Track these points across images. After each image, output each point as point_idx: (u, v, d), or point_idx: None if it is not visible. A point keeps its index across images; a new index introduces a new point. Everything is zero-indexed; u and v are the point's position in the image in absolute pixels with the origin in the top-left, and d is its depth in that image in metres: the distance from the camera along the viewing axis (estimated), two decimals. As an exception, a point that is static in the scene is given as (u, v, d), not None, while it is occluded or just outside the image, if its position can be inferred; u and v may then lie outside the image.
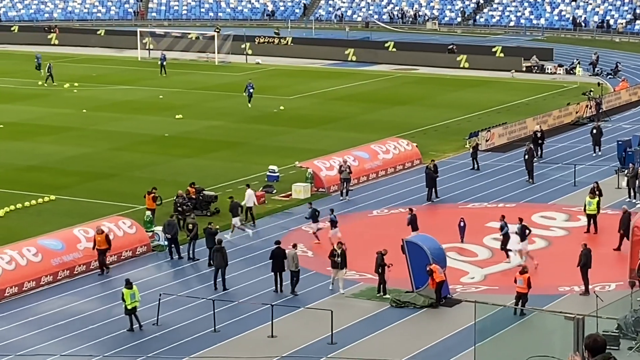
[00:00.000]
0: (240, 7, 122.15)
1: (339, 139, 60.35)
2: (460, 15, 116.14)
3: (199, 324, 34.45)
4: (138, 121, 66.99)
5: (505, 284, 37.13)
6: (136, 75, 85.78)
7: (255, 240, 42.89)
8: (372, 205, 48.26)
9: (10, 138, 62.25)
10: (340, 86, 79.95)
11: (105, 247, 39.44)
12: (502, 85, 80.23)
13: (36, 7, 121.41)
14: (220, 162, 56.27)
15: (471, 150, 54.72)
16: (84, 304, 36.67)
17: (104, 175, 53.23)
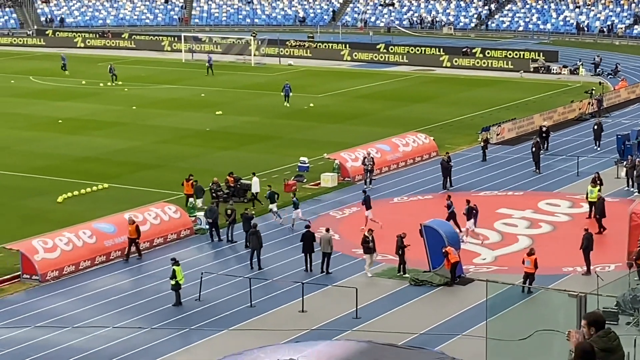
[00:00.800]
0: (274, 13, 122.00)
1: (363, 133, 60.24)
2: (477, 19, 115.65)
3: (237, 300, 34.51)
4: (182, 117, 67.06)
5: (514, 265, 37.02)
6: (180, 75, 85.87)
7: (286, 224, 42.86)
8: (393, 193, 48.19)
9: (68, 132, 62.46)
10: (364, 85, 79.79)
11: (135, 237, 38.97)
12: (512, 85, 79.86)
13: (91, 14, 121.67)
14: (255, 153, 56.27)
15: (482, 143, 54.44)
16: (133, 281, 36.81)
17: (151, 165, 53.35)
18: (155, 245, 40.44)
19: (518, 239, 40.91)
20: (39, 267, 36.69)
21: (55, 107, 70.83)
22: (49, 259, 37.07)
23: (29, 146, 58.51)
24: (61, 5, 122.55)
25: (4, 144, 58.74)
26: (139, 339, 31.44)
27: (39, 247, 37.24)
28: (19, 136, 61.28)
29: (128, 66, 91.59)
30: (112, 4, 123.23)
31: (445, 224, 37.36)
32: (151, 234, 40.56)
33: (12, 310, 34.09)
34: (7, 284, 36.49)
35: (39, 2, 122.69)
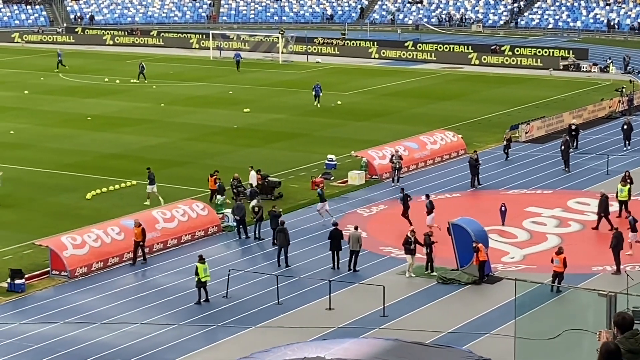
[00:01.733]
0: (302, 11, 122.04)
1: (390, 130, 60.16)
2: (510, 13, 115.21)
3: (264, 297, 34.53)
4: (210, 114, 67.19)
5: (542, 264, 36.87)
6: (209, 73, 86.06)
7: (314, 222, 42.86)
8: (421, 191, 48.03)
9: (97, 129, 62.71)
10: (392, 83, 79.70)
11: (140, 240, 38.26)
12: (541, 83, 79.55)
13: (120, 11, 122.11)
14: (283, 151, 56.31)
15: (505, 142, 53.86)
16: (161, 278, 36.91)
17: (179, 162, 53.48)
18: (183, 242, 40.53)
19: (547, 238, 40.73)
20: (68, 264, 36.86)
21: (84, 104, 71.15)
22: (77, 255, 37.24)
23: (58, 143, 58.78)
24: (90, 3, 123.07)
25: (34, 141, 59.05)
26: (167, 335, 31.52)
27: (67, 243, 37.41)
28: (48, 133, 61.58)
29: (156, 64, 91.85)
30: (140, 1, 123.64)
31: (473, 222, 37.23)
32: (179, 230, 40.65)
33: (41, 306, 34.27)
34: (37, 279, 36.68)
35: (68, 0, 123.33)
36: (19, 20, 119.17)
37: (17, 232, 41.76)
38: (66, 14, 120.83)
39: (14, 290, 35.41)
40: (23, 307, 34.25)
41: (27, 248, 39.40)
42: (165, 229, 40.28)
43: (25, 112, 68.59)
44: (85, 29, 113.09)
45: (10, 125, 63.58)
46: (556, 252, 35.02)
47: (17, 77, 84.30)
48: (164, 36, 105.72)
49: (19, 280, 35.55)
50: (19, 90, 77.23)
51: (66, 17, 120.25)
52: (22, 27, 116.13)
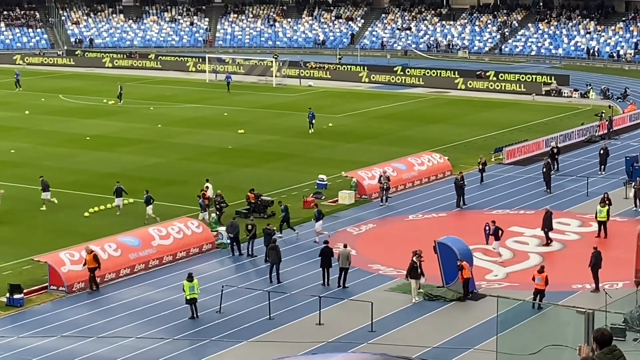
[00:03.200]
0: (296, 36, 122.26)
1: (379, 152, 60.22)
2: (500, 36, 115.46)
3: (256, 313, 34.48)
4: (205, 135, 67.18)
5: (524, 282, 36.88)
6: (204, 95, 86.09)
7: (305, 240, 42.83)
8: (409, 210, 48.13)
9: (96, 148, 62.65)
10: (381, 106, 79.81)
11: (95, 266, 36.88)
12: (524, 107, 79.74)
13: (119, 35, 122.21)
14: (276, 171, 56.31)
15: (480, 166, 53.37)
16: (156, 294, 36.82)
17: (175, 181, 53.43)
18: (178, 259, 40.47)
19: (529, 257, 40.79)
20: (66, 279, 36.76)
21: (83, 125, 71.09)
22: (75, 271, 37.14)
23: (57, 162, 58.71)
24: (90, 27, 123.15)
25: (34, 160, 58.95)
26: (161, 349, 31.44)
27: (66, 259, 37.32)
28: (48, 152, 61.51)
29: (154, 86, 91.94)
30: (139, 26, 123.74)
31: (458, 241, 37.26)
32: (174, 247, 40.61)
33: (39, 320, 34.17)
34: (35, 294, 36.57)
35: (69, 23, 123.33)
36: (20, 42, 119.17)
37: (16, 248, 41.66)
38: (67, 37, 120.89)
39: (12, 304, 35.30)
40: (22, 321, 34.14)
41: (26, 264, 39.29)
42: (161, 246, 40.23)
43: (26, 131, 68.53)
44: (85, 51, 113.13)
45: (11, 145, 63.50)
46: (538, 271, 35.05)
47: (18, 97, 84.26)
48: (161, 59, 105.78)
49: (18, 295, 35.44)
50: (20, 110, 77.17)
51: (67, 40, 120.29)
52: (23, 50, 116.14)
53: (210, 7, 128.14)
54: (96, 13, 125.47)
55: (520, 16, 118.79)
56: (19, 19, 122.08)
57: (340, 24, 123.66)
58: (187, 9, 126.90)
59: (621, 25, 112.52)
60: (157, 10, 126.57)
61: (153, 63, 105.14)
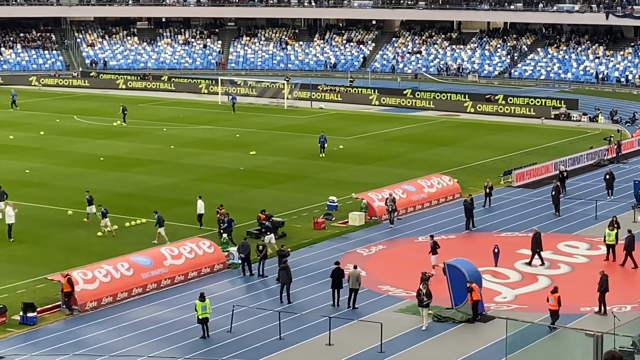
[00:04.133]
0: (307, 59, 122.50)
1: (390, 174, 60.22)
2: (510, 60, 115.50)
3: (267, 333, 34.44)
4: (217, 156, 67.26)
5: (533, 304, 36.80)
6: (217, 116, 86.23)
7: (316, 260, 42.78)
8: (418, 232, 48.06)
9: (109, 169, 62.78)
10: (392, 129, 79.83)
11: (68, 290, 36.42)
12: (533, 130, 79.69)
13: (133, 57, 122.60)
14: (287, 192, 56.32)
15: (486, 190, 53.07)
16: (168, 313, 36.81)
17: (187, 202, 53.43)
18: (190, 279, 40.47)
19: (538, 279, 40.68)
20: (79, 298, 36.77)
21: (97, 145, 71.27)
22: (88, 290, 37.17)
23: (71, 182, 58.83)
24: (105, 49, 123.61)
25: (48, 179, 59.08)
26: (172, 368, 31.39)
27: (79, 278, 37.34)
28: (62, 172, 61.66)
29: (167, 107, 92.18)
30: (153, 48, 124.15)
31: (467, 263, 37.20)
32: (186, 267, 40.61)
33: (52, 339, 34.19)
34: (48, 313, 36.60)
35: (84, 45, 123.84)
36: (36, 64, 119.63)
37: (30, 267, 41.73)
38: (82, 59, 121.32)
39: (26, 322, 35.34)
40: (35, 339, 34.17)
41: (40, 282, 39.34)
42: (173, 266, 40.24)
43: (41, 152, 68.71)
44: (99, 73, 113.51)
45: (26, 164, 63.66)
46: (551, 291, 34.96)
47: (33, 118, 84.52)
48: (174, 81, 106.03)
49: (31, 314, 35.49)
50: (35, 131, 77.41)
51: (82, 62, 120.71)
52: (39, 71, 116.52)
53: (223, 30, 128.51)
54: (111, 36, 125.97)
55: (529, 41, 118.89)
56: (35, 41, 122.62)
57: (352, 47, 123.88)
58: (201, 32, 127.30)
59: (630, 50, 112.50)
60: (171, 33, 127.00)
61: (166, 85, 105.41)
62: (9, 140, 73.34)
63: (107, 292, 37.64)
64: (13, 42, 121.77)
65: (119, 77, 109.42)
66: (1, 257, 43.48)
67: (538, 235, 42.82)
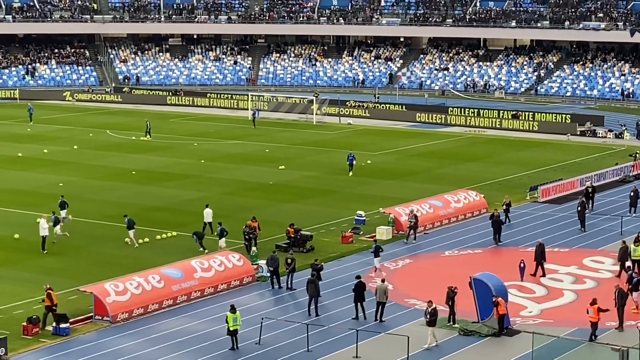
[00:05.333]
0: (336, 75, 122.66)
1: (417, 189, 60.15)
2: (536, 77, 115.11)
3: (295, 345, 34.43)
4: (247, 171, 67.42)
5: (559, 318, 36.60)
6: (247, 131, 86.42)
7: (344, 274, 42.74)
8: (445, 247, 47.95)
9: (141, 182, 63.06)
10: (419, 144, 79.76)
11: (49, 304, 36.04)
12: (559, 147, 79.40)
13: (165, 73, 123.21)
14: (315, 206, 56.35)
15: (504, 207, 52.57)
16: (198, 325, 36.88)
17: (217, 216, 53.44)
18: (219, 291, 40.55)
19: (563, 294, 40.49)
20: (111, 309, 36.93)
21: (129, 159, 71.62)
22: (119, 301, 37.31)
23: (104, 195, 59.14)
24: (138, 65, 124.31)
25: (81, 193, 59.38)
26: (202, 379, 31.43)
27: (110, 290, 37.50)
28: (95, 185, 61.98)
29: (198, 122, 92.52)
30: (184, 64, 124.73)
31: (493, 277, 37.07)
32: (215, 280, 40.69)
33: (84, 349, 34.32)
34: (81, 324, 36.76)
35: (117, 61, 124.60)
36: (70, 80, 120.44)
37: (63, 279, 41.91)
38: (115, 75, 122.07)
39: (59, 333, 35.52)
40: (67, 350, 34.33)
41: (73, 294, 39.52)
42: (203, 278, 40.34)
43: (74, 165, 69.11)
44: (132, 89, 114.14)
45: (60, 178, 64.04)
46: (590, 303, 34.84)
47: (67, 133, 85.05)
48: (205, 97, 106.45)
49: (64, 325, 35.67)
50: (69, 145, 77.89)
51: (114, 77, 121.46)
52: (73, 86, 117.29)
53: (254, 47, 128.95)
54: (143, 52, 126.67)
55: (555, 58, 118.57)
56: (69, 57, 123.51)
57: (380, 64, 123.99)
58: (231, 48, 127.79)
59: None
60: (202, 49, 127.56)
61: (197, 100, 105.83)
62: (43, 154, 73.83)
63: (138, 304, 37.77)
64: (48, 58, 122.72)
65: (151, 93, 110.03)
66: (35, 269, 43.75)
67: (542, 247, 42.86)
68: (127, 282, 38.25)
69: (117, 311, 37.02)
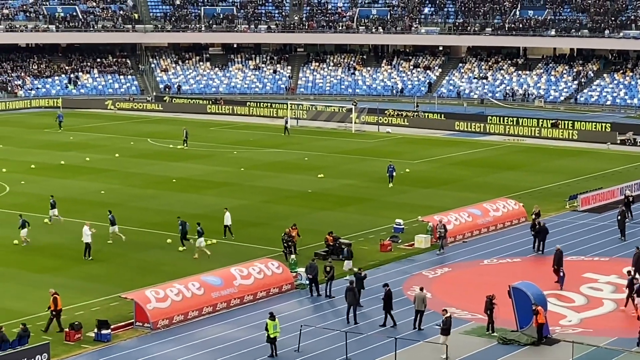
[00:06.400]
0: (375, 84, 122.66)
1: (455, 198, 59.97)
2: (576, 85, 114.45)
3: (333, 352, 34.42)
4: (286, 179, 67.54)
5: (599, 327, 36.33)
6: (286, 140, 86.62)
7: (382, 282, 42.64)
8: (483, 255, 47.77)
9: (181, 190, 63.36)
10: (457, 153, 79.55)
11: (52, 308, 36.41)
12: (599, 155, 78.87)
13: (205, 82, 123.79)
14: (354, 214, 56.33)
15: (533, 216, 51.60)
16: (237, 332, 36.99)
17: (257, 223, 53.73)
18: (258, 299, 40.64)
19: (603, 303, 40.20)
20: (151, 316, 37.12)
21: (170, 167, 72.00)
22: (160, 308, 37.50)
23: (145, 203, 59.50)
24: (178, 74, 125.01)
25: (122, 200, 59.77)
26: (241, 385, 31.49)
27: (151, 297, 37.71)
28: (136, 193, 62.37)
29: (238, 131, 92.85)
30: (224, 73, 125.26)
31: (532, 286, 36.88)
32: (255, 287, 40.79)
33: (125, 355, 34.53)
34: (121, 330, 36.99)
35: (158, 70, 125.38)
36: (112, 88, 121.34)
37: (105, 285, 42.23)
38: (156, 84, 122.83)
39: (100, 340, 35.76)
40: (108, 356, 34.54)
41: (114, 300, 39.79)
42: (242, 286, 40.45)
43: (115, 173, 69.59)
44: (172, 97, 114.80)
45: (101, 186, 64.53)
46: None
47: (109, 141, 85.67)
48: (245, 105, 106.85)
49: (105, 331, 35.90)
50: (110, 153, 78.45)
51: (156, 86, 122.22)
52: (114, 95, 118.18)
53: (293, 56, 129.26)
54: (184, 61, 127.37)
55: (595, 66, 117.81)
56: (111, 66, 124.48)
57: (419, 73, 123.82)
58: (271, 57, 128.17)
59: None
60: (242, 58, 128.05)
61: (237, 109, 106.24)
62: (85, 162, 74.41)
63: (178, 311, 37.95)
64: (90, 67, 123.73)
65: (192, 102, 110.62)
66: (77, 275, 44.09)
67: (560, 253, 42.80)
68: (168, 289, 38.44)
69: (157, 318, 37.21)
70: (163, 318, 37.39)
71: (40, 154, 78.19)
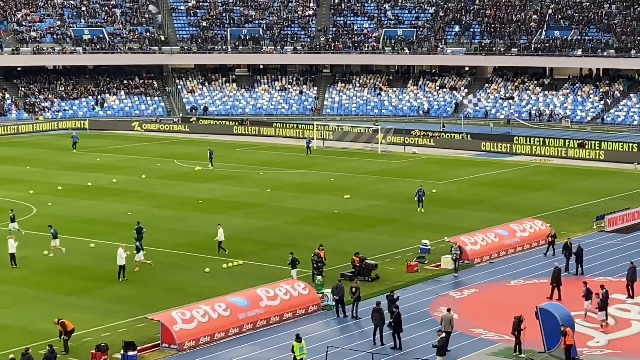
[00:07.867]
0: (401, 105, 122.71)
1: (482, 218, 59.79)
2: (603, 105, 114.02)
3: (360, 374, 34.33)
4: (312, 199, 67.58)
5: (627, 349, 36.05)
6: (312, 161, 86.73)
7: (409, 303, 42.58)
8: (511, 276, 47.56)
9: (207, 211, 63.50)
10: (484, 173, 79.37)
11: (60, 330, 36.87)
12: (626, 175, 78.46)
13: (231, 103, 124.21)
14: (380, 235, 56.26)
15: (550, 238, 51.73)
16: (264, 353, 36.96)
17: (283, 244, 53.73)
18: (285, 320, 40.62)
19: (631, 324, 39.91)
20: (177, 337, 37.17)
21: (196, 189, 72.19)
22: (186, 329, 37.55)
23: (171, 224, 59.65)
24: (205, 95, 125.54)
25: (149, 222, 59.87)
26: (267, 407, 31.45)
27: (177, 318, 37.77)
28: (162, 214, 62.55)
29: (264, 151, 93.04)
30: (251, 94, 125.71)
31: (560, 307, 36.70)
32: (281, 308, 40.77)
33: (151, 376, 34.55)
34: (148, 352, 37.04)
35: (185, 92, 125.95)
36: (138, 110, 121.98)
37: (131, 306, 42.34)
38: (182, 105, 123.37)
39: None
40: (135, 376, 34.56)
41: (140, 322, 39.88)
42: (269, 307, 40.45)
43: (142, 194, 69.86)
44: (199, 118, 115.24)
45: (128, 207, 64.77)
46: None
47: (135, 162, 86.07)
48: (271, 126, 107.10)
49: (132, 352, 35.93)
50: (137, 174, 78.78)
51: (182, 107, 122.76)
52: (141, 117, 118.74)
53: (319, 77, 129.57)
54: (210, 82, 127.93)
55: (622, 86, 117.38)
56: (137, 88, 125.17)
57: (444, 93, 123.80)
58: (297, 78, 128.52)
59: None
60: (268, 79, 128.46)
61: (263, 130, 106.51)
62: (111, 183, 74.76)
63: (204, 332, 37.98)
64: (117, 89, 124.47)
65: (218, 123, 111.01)
66: (104, 297, 44.21)
67: (558, 271, 43.10)
68: (194, 310, 38.49)
69: (183, 339, 37.25)
70: (189, 339, 37.42)
71: (67, 175, 78.64)
